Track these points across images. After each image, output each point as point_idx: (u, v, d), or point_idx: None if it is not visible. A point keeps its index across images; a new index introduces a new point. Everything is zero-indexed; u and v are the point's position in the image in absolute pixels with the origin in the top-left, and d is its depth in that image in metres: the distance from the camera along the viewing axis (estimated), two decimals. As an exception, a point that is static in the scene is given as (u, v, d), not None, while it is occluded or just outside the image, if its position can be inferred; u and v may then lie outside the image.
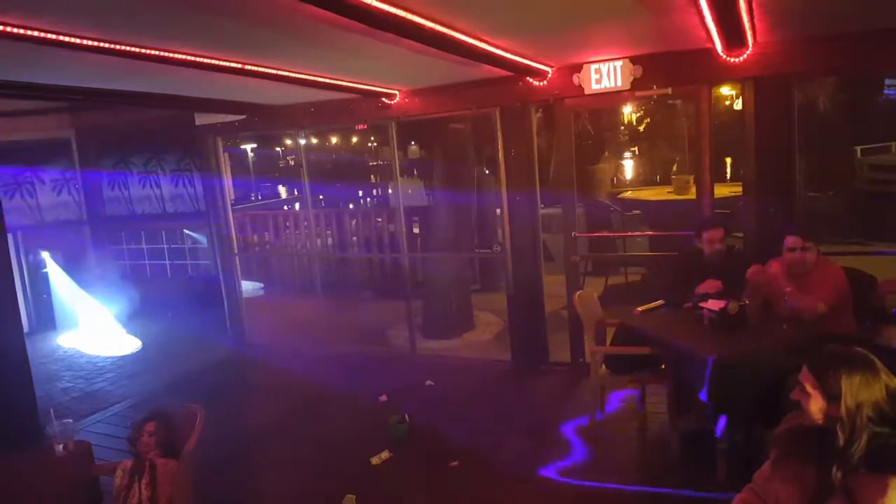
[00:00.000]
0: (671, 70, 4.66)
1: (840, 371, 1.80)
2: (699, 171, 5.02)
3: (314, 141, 21.50)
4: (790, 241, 3.74)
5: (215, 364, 6.46)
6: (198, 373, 6.15)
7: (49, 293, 7.97)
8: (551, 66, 4.90)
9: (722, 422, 3.65)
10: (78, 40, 3.09)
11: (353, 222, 8.49)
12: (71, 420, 5.07)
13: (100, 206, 7.92)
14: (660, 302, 4.25)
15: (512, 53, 4.16)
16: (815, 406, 1.87)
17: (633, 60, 4.67)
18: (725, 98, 10.78)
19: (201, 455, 3.20)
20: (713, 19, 3.28)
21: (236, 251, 7.12)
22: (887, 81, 9.89)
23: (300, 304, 7.33)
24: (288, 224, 8.57)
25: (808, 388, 1.89)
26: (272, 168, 23.62)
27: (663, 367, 4.06)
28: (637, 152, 13.32)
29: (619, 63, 4.70)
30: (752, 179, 4.69)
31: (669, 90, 4.99)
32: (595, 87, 4.81)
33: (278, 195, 19.03)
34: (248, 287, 7.57)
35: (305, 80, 4.57)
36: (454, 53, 3.66)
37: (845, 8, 3.56)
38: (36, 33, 2.93)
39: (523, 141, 5.38)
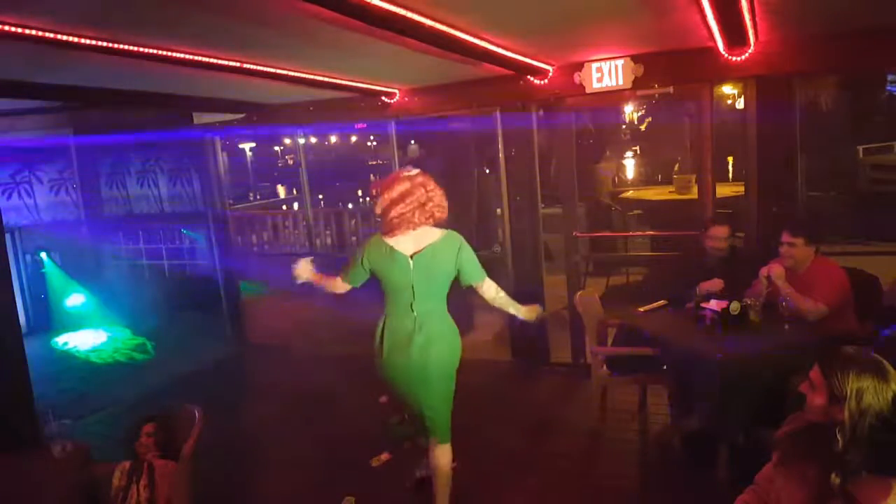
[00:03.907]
0: (673, 69, 4.64)
1: (849, 374, 1.79)
2: (701, 170, 5.00)
3: (313, 140, 21.47)
4: (782, 234, 3.82)
5: (214, 364, 6.44)
6: (196, 373, 6.13)
7: (47, 293, 7.95)
8: (552, 65, 4.88)
9: (723, 423, 3.63)
10: (76, 39, 3.07)
11: (353, 222, 8.47)
12: (69, 421, 5.07)
13: (98, 206, 7.88)
14: (662, 302, 4.24)
15: (512, 52, 4.14)
16: (819, 403, 1.86)
17: (635, 59, 4.65)
18: (727, 97, 10.76)
19: (200, 456, 3.18)
20: (715, 18, 3.26)
21: (235, 251, 7.09)
22: (890, 77, 9.87)
23: (299, 304, 7.29)
24: (287, 223, 8.55)
25: (816, 384, 1.88)
26: (271, 167, 23.61)
27: (665, 367, 4.04)
28: (638, 151, 13.29)
29: (620, 62, 4.68)
30: (753, 179, 4.67)
31: (671, 89, 4.98)
32: (596, 85, 4.79)
33: (277, 194, 19.03)
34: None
35: (304, 78, 4.55)
36: (454, 52, 3.64)
37: (847, 6, 3.54)
38: (34, 32, 2.92)
39: (524, 140, 5.35)
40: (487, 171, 8.02)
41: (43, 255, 7.88)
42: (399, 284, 3.15)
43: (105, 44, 3.19)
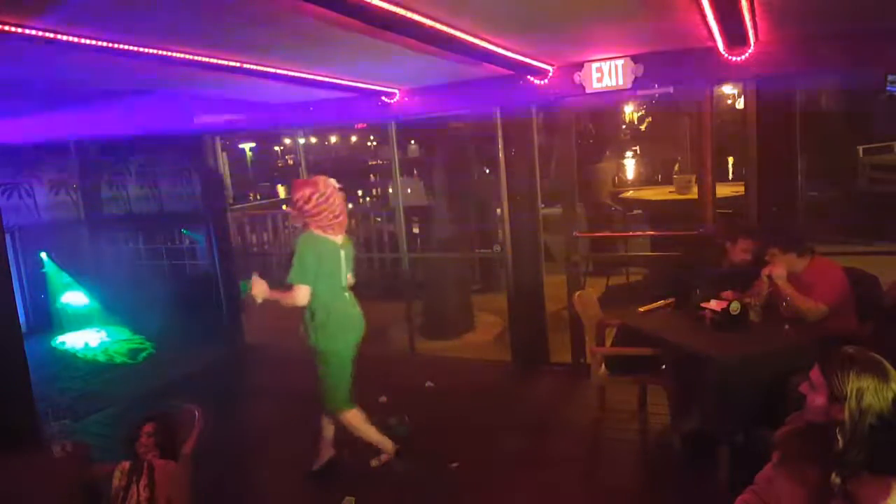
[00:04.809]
0: (673, 69, 4.63)
1: (850, 374, 1.79)
2: (701, 170, 5.00)
3: (313, 140, 21.48)
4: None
5: (214, 364, 6.43)
6: (196, 373, 6.13)
7: (47, 293, 7.94)
8: (552, 65, 4.88)
9: (723, 423, 3.63)
10: (76, 39, 3.07)
11: (353, 222, 8.47)
12: (69, 421, 5.09)
13: (97, 206, 7.88)
14: (662, 301, 4.23)
15: (512, 52, 4.14)
16: (819, 403, 1.86)
17: (635, 59, 4.64)
18: (727, 97, 10.76)
19: (200, 456, 3.18)
20: (715, 18, 3.26)
21: (234, 251, 7.09)
22: (890, 77, 9.87)
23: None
24: (287, 223, 8.55)
25: (816, 384, 1.88)
26: (271, 167, 23.62)
27: (664, 367, 4.04)
28: (638, 151, 13.30)
29: (620, 62, 4.68)
30: (753, 179, 4.67)
31: (671, 89, 4.98)
32: (596, 85, 4.79)
33: (277, 195, 19.03)
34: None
35: (304, 78, 4.56)
36: (454, 52, 3.65)
37: (848, 6, 3.54)
38: (34, 32, 2.92)
39: (524, 140, 5.35)
40: (487, 171, 8.03)
41: (43, 255, 7.87)
42: (338, 272, 3.64)
43: (105, 44, 3.19)
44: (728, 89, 10.32)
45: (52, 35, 2.97)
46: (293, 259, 3.50)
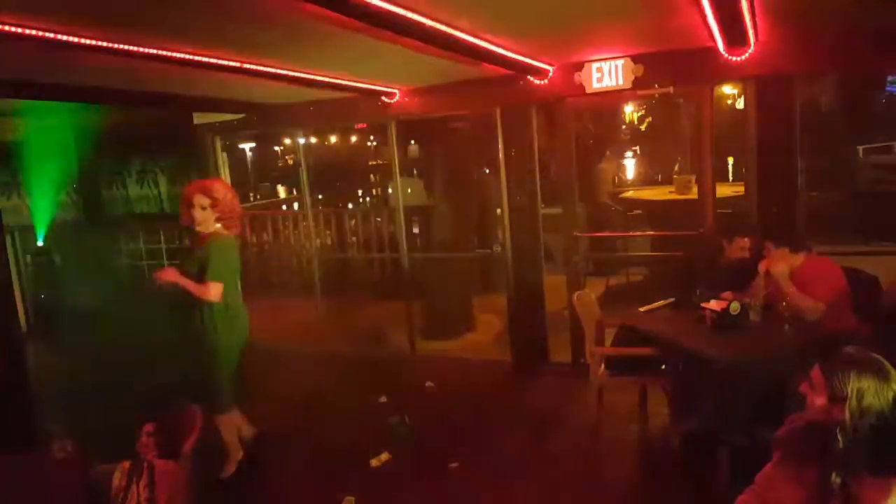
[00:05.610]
0: (673, 69, 4.64)
1: (850, 374, 1.79)
2: (701, 170, 5.01)
3: (313, 140, 21.48)
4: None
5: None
6: (196, 372, 6.12)
7: (47, 293, 7.94)
8: (552, 65, 4.88)
9: (723, 423, 3.63)
10: (76, 39, 3.07)
11: (353, 222, 8.47)
12: (68, 422, 5.07)
13: (98, 206, 7.89)
14: (663, 301, 4.23)
15: (512, 52, 4.14)
16: (819, 403, 1.86)
17: (635, 59, 4.65)
18: (727, 97, 10.75)
19: (200, 456, 3.18)
20: (715, 18, 3.26)
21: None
22: (889, 78, 9.88)
23: (299, 305, 7.30)
24: (287, 224, 8.54)
25: (816, 384, 1.88)
26: (271, 167, 23.59)
27: (664, 367, 4.04)
28: (638, 151, 13.29)
29: (620, 62, 4.68)
30: (753, 179, 4.68)
31: (671, 89, 4.98)
32: (596, 85, 4.79)
33: (277, 194, 19.02)
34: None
35: (304, 79, 4.56)
36: (454, 52, 3.64)
37: (848, 6, 3.54)
38: (35, 32, 2.92)
39: (524, 140, 5.36)
40: (487, 171, 8.03)
41: (43, 255, 7.87)
42: (238, 270, 3.80)
43: (105, 44, 3.19)
44: (728, 89, 10.30)
45: (52, 35, 2.96)
46: (210, 259, 3.61)
